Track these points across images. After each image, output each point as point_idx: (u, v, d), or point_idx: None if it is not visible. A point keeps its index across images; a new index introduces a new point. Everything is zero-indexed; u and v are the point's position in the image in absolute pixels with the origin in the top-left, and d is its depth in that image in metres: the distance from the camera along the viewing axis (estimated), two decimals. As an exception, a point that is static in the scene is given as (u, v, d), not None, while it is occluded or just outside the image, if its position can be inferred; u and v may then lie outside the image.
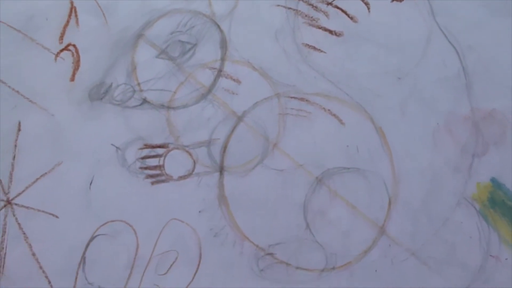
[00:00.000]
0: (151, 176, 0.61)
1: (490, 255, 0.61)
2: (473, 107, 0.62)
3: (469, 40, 0.63)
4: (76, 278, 0.60)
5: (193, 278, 0.61)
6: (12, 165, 0.62)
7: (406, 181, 0.62)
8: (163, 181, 0.61)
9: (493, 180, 0.62)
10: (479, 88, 0.63)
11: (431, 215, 0.62)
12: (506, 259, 0.61)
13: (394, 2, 0.64)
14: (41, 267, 0.60)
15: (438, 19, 0.64)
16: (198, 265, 0.61)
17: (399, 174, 0.62)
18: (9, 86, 0.62)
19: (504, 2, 0.64)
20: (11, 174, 0.62)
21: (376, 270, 0.61)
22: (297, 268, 0.61)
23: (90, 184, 0.61)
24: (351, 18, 0.63)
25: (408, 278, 0.61)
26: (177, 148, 0.62)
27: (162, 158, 0.61)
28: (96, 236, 0.61)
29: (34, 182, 0.62)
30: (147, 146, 0.62)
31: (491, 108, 0.62)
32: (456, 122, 0.62)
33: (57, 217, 0.61)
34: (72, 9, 0.64)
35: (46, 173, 0.62)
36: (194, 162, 0.62)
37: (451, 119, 0.62)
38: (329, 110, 0.62)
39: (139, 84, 0.62)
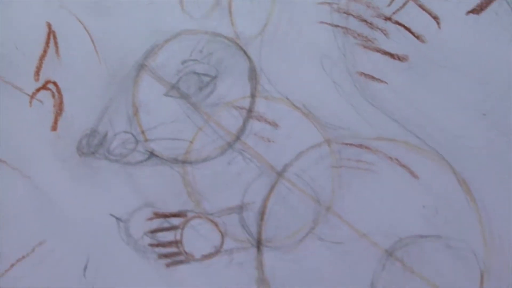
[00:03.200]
0: (166, 255, 0.51)
1: None
2: None
3: None
4: None
5: None
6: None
7: (501, 250, 0.49)
8: (181, 262, 0.51)
9: None
10: None
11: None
12: None
13: (470, 14, 0.50)
14: None
15: (525, 34, 0.52)
16: None
17: (492, 240, 0.49)
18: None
19: None
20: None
21: None
22: None
23: (85, 270, 0.51)
24: (417, 37, 0.50)
25: None
26: (199, 217, 0.51)
27: (179, 231, 0.51)
28: None
29: (12, 265, 0.50)
30: (158, 215, 0.51)
31: None
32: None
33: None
34: (50, 34, 0.52)
35: (23, 256, 0.50)
36: (223, 235, 0.51)
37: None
38: (396, 159, 0.49)
39: (143, 132, 0.51)
